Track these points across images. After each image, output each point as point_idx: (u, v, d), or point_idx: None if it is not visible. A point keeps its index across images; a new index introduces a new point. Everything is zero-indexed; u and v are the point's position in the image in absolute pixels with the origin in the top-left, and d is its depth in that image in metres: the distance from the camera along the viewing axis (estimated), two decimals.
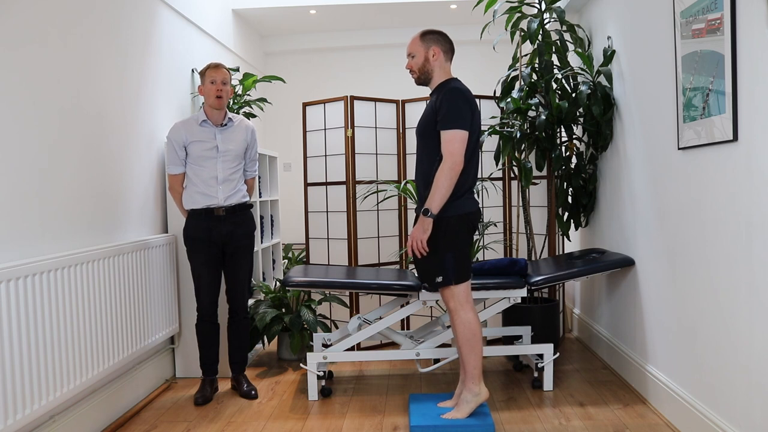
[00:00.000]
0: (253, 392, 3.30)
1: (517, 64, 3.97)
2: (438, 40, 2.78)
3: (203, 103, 3.25)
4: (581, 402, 3.09)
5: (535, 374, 3.31)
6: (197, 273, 3.25)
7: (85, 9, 2.81)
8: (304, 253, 4.63)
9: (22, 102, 2.36)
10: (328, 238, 4.26)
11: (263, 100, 4.38)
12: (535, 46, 3.81)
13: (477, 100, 2.80)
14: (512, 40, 3.97)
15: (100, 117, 2.93)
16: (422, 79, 2.81)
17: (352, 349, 3.67)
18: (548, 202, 4.04)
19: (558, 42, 3.86)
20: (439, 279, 2.72)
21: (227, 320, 3.38)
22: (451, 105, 2.63)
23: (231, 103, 4.10)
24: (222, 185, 3.19)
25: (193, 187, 3.20)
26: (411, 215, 4.33)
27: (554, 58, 3.89)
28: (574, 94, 3.80)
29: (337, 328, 4.15)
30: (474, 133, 2.69)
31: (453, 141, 2.61)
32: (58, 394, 2.40)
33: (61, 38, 2.63)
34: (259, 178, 4.37)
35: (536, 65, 3.85)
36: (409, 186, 3.79)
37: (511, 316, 3.75)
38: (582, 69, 3.76)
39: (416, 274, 3.21)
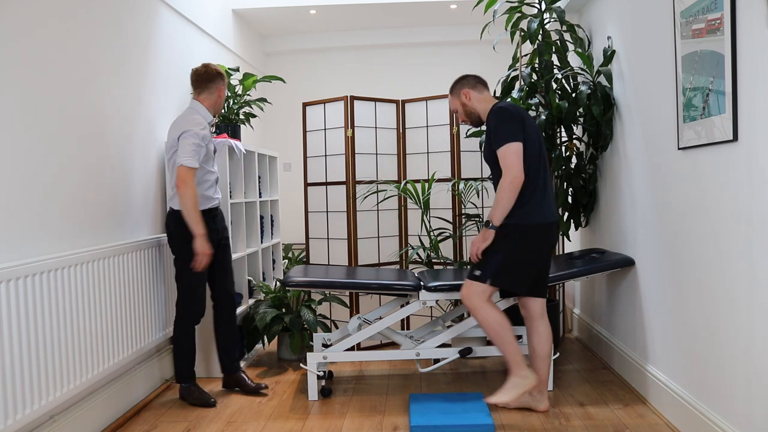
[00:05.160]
0: (263, 386, 3.31)
1: (517, 64, 3.97)
2: (463, 83, 2.98)
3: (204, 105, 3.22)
4: (581, 402, 3.10)
5: None
6: (197, 275, 3.23)
7: (84, 9, 2.81)
8: (304, 253, 4.63)
9: (22, 102, 2.36)
10: (328, 238, 4.26)
11: (263, 100, 4.38)
12: (535, 46, 3.81)
13: None
14: (512, 40, 3.97)
15: (100, 117, 2.92)
16: (474, 120, 2.99)
17: (352, 349, 3.67)
18: None
19: (558, 42, 3.86)
20: (477, 273, 2.84)
21: (215, 320, 3.36)
22: (496, 124, 2.79)
23: (231, 103, 4.10)
24: (218, 185, 3.29)
25: (199, 187, 3.17)
26: (411, 215, 4.33)
27: (554, 58, 3.88)
28: (574, 94, 3.80)
29: (337, 328, 4.15)
30: (530, 143, 2.79)
31: (507, 155, 2.74)
32: (58, 394, 2.40)
33: (61, 38, 2.63)
34: (259, 178, 4.37)
35: (536, 65, 3.85)
36: (408, 186, 3.79)
37: (511, 316, 3.73)
38: (582, 69, 3.75)
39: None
